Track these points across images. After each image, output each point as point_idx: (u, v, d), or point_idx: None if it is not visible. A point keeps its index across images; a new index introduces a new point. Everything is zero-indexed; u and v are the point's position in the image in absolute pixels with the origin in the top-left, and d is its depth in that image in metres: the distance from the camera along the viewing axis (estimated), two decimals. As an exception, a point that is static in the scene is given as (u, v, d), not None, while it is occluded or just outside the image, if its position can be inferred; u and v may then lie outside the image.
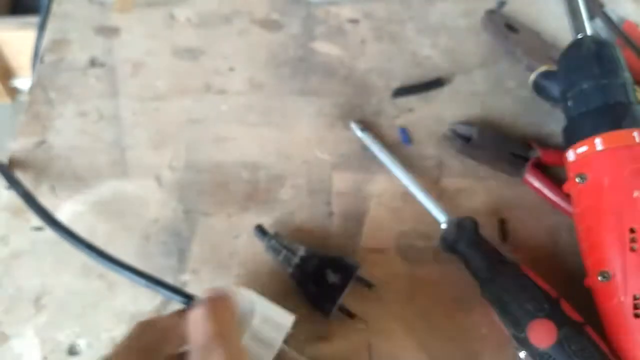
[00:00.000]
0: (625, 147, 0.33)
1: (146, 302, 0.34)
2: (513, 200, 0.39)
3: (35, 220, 0.37)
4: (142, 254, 0.36)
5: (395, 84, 0.44)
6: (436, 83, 0.44)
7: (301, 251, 0.34)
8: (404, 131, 0.41)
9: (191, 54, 0.45)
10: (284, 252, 0.34)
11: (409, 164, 0.39)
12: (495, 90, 0.44)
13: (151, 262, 0.36)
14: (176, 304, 0.32)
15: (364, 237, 0.37)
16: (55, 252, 0.36)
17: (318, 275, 0.33)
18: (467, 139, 0.41)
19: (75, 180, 0.39)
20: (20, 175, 0.39)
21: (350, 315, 0.34)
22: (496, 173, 0.40)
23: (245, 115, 0.42)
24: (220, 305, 0.27)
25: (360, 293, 0.34)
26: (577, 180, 0.34)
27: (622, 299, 0.31)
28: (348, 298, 0.34)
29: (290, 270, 0.34)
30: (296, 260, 0.34)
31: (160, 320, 0.29)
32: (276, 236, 0.35)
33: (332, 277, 0.33)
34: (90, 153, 0.40)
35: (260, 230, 0.36)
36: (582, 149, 0.34)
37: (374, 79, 0.44)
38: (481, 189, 0.39)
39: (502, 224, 0.38)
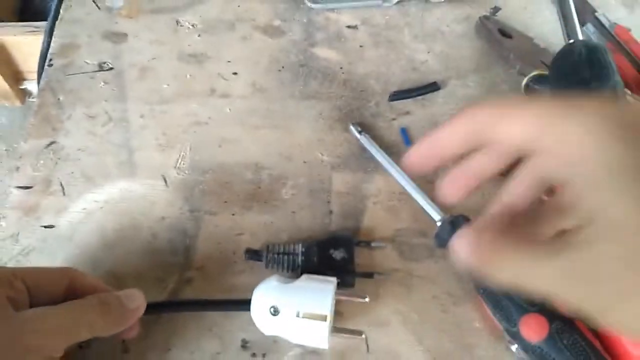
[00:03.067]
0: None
1: (153, 298, 0.35)
2: (506, 200, 0.40)
3: (46, 218, 0.38)
4: (149, 252, 0.37)
5: (393, 87, 0.45)
6: (432, 87, 0.44)
7: (299, 247, 0.35)
8: (404, 132, 0.43)
9: (196, 59, 0.46)
10: (285, 258, 0.35)
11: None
12: (489, 94, 0.44)
13: (158, 259, 0.37)
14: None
15: (362, 235, 0.38)
16: (65, 249, 0.37)
17: (325, 259, 0.35)
18: (462, 141, 0.41)
19: (85, 180, 0.40)
20: (31, 175, 0.40)
21: (370, 275, 0.35)
22: (490, 173, 0.41)
23: (248, 118, 0.43)
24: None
25: (359, 289, 0.35)
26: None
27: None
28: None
29: (299, 270, 0.35)
30: (300, 258, 0.35)
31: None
32: (269, 248, 0.35)
33: (338, 254, 0.35)
34: (99, 154, 0.41)
35: (251, 252, 0.36)
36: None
37: (372, 83, 0.45)
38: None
39: (496, 223, 0.39)
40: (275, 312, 0.31)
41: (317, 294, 0.32)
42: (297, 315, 0.31)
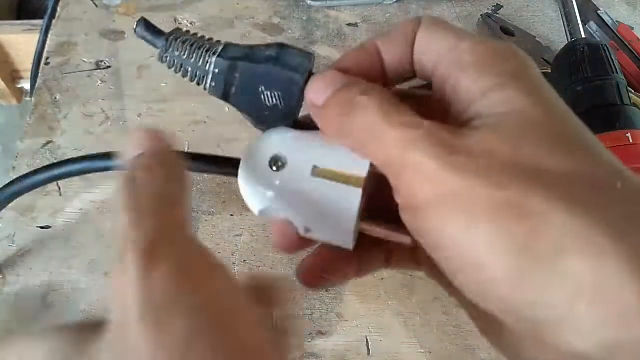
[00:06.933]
0: (619, 148, 0.34)
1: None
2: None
3: (42, 219, 0.38)
4: (146, 252, 0.37)
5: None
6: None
7: (214, 59, 0.20)
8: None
9: (194, 57, 0.46)
10: (194, 60, 0.20)
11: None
12: (492, 92, 0.44)
13: (155, 259, 0.37)
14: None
15: (363, 236, 0.38)
16: (62, 250, 0.37)
17: (248, 93, 0.21)
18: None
19: (82, 180, 0.39)
20: (27, 175, 0.40)
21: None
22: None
23: (247, 117, 0.43)
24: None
25: (359, 291, 0.35)
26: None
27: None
28: (347, 295, 0.35)
29: (209, 86, 0.20)
30: (212, 71, 0.20)
31: None
32: (178, 36, 0.20)
33: (269, 96, 0.21)
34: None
35: (148, 25, 0.20)
36: (576, 149, 0.35)
37: (373, 81, 0.45)
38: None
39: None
40: (277, 164, 0.20)
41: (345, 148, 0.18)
42: (313, 174, 0.19)
